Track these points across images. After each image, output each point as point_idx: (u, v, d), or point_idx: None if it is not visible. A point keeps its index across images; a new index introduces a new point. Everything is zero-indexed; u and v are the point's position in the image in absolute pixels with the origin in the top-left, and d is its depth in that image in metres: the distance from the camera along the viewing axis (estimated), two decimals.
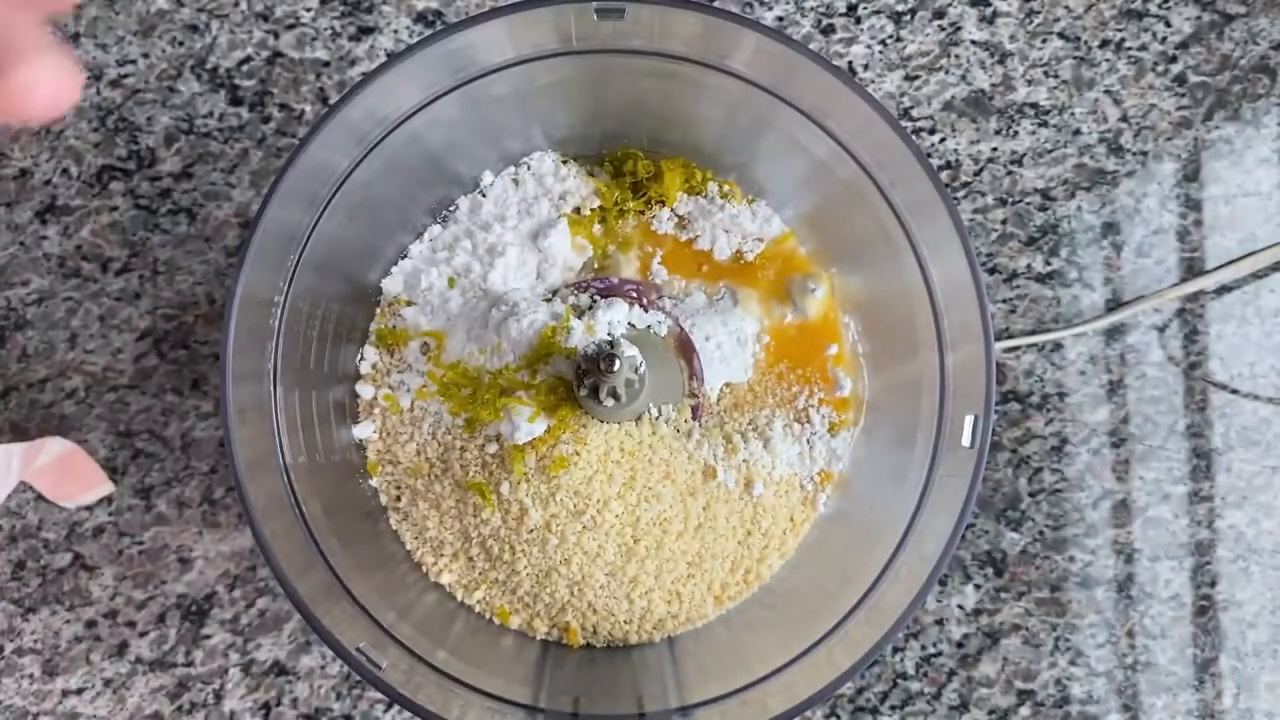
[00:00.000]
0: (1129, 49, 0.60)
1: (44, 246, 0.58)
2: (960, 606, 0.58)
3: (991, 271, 0.59)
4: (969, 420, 0.45)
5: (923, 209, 0.45)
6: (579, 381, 0.49)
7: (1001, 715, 0.57)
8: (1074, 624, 0.58)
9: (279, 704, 0.57)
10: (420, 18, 0.59)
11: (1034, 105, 0.59)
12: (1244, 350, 0.59)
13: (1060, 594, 0.58)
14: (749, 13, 0.59)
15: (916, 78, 0.59)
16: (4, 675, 0.56)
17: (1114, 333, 0.59)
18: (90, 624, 0.57)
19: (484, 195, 0.55)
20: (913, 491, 0.46)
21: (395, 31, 0.59)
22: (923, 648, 0.58)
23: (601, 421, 0.50)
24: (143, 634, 0.57)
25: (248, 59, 0.58)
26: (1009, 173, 0.59)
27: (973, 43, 0.59)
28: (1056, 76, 0.59)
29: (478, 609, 0.53)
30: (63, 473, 0.55)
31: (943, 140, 0.59)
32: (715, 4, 0.58)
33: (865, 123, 0.45)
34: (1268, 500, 0.58)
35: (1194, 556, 0.58)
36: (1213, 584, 0.58)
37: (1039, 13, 0.59)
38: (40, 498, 0.56)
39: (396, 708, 0.57)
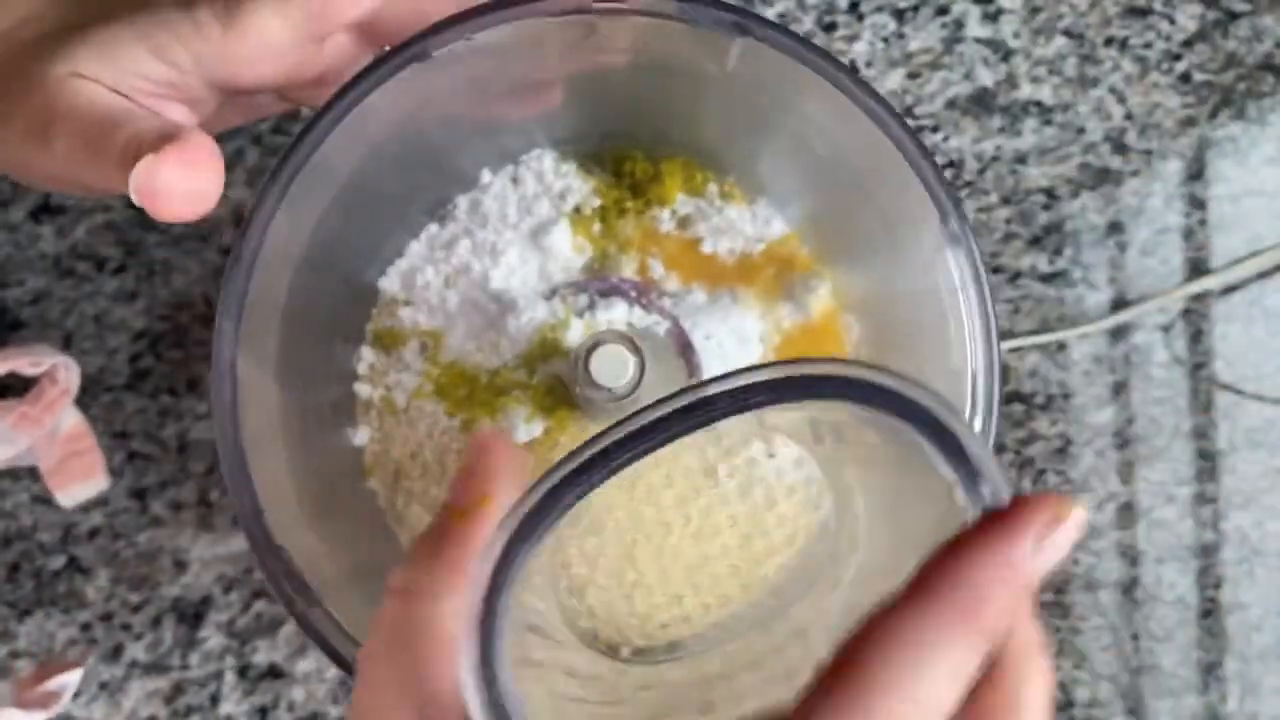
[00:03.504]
0: (1133, 47, 0.59)
1: (39, 246, 0.57)
2: None
3: (995, 271, 0.58)
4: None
5: None
6: (577, 382, 0.48)
7: None
8: (1077, 626, 0.57)
9: (276, 708, 0.56)
10: None
11: (1038, 103, 0.59)
12: (1249, 351, 0.58)
13: (1064, 596, 0.57)
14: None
15: (919, 75, 0.59)
16: None
17: (1118, 333, 0.58)
18: (85, 626, 0.56)
19: (483, 193, 0.54)
20: None
21: None
22: None
23: (601, 423, 0.50)
24: (138, 637, 0.56)
25: None
26: (1013, 171, 0.58)
27: (976, 40, 0.59)
28: (1060, 74, 0.59)
29: None
30: (69, 445, 0.54)
31: (946, 138, 0.59)
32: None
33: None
34: (1273, 502, 0.58)
35: (1199, 559, 0.58)
36: (1217, 586, 0.58)
37: (1042, 10, 0.59)
38: (36, 499, 0.56)
39: None
